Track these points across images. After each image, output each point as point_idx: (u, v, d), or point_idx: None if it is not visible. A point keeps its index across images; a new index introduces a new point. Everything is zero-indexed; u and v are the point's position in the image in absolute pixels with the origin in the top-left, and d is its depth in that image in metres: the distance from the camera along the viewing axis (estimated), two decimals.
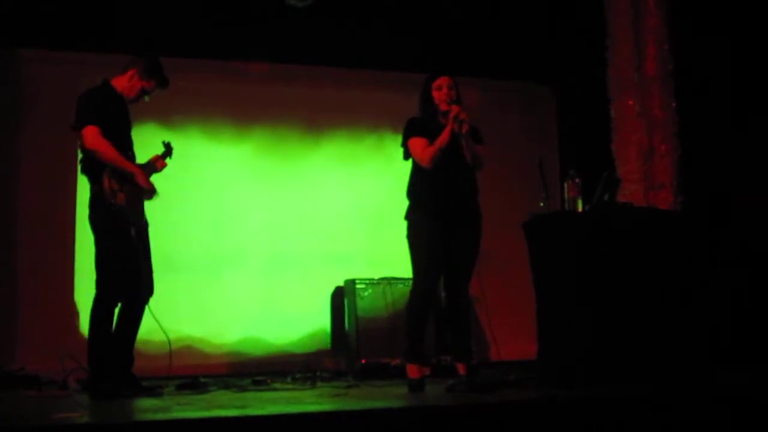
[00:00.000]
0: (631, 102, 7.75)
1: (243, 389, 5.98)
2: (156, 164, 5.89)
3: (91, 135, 5.44)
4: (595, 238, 5.55)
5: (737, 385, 5.09)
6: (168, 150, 5.98)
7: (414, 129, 5.59)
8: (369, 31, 8.15)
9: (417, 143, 5.54)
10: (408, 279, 5.71)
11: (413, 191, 5.67)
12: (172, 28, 7.61)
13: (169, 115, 7.72)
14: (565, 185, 5.85)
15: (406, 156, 5.66)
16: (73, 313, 7.40)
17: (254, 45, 7.98)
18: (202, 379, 6.27)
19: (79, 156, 5.61)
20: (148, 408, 4.75)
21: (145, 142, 5.99)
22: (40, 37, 7.56)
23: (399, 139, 5.67)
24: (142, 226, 5.65)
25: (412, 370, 5.51)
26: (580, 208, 5.77)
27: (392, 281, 7.67)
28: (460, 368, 5.61)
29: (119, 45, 7.33)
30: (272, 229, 8.19)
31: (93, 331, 5.43)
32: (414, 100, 5.73)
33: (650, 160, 7.66)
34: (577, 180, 5.81)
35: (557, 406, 4.42)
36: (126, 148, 5.62)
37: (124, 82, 5.71)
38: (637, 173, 7.65)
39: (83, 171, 5.60)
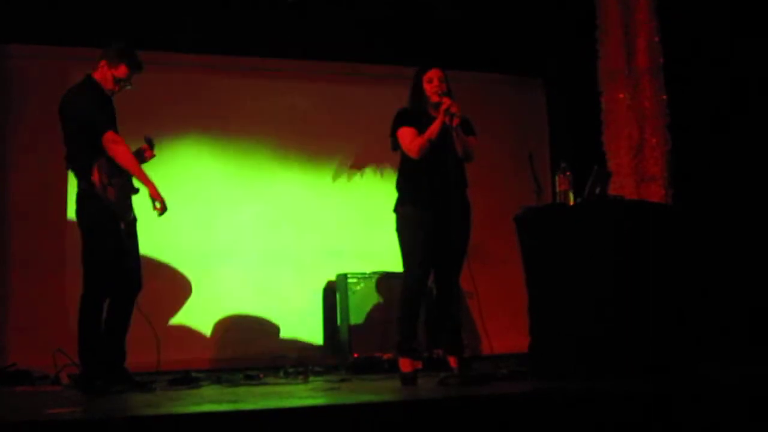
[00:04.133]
0: (621, 95, 7.77)
1: (235, 384, 5.98)
2: (144, 154, 5.83)
3: (112, 141, 5.46)
4: (586, 231, 5.56)
5: (731, 381, 5.11)
6: (150, 144, 5.90)
7: (403, 119, 5.59)
8: (359, 24, 8.14)
9: (406, 133, 5.54)
10: (400, 273, 5.71)
11: (402, 183, 5.67)
12: (163, 22, 7.59)
13: (160, 109, 7.68)
14: (557, 178, 5.86)
15: (395, 147, 5.66)
16: (65, 308, 7.35)
17: (246, 39, 7.97)
18: (194, 374, 6.27)
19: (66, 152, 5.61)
20: (140, 403, 4.75)
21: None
22: (29, 33, 7.52)
23: (389, 131, 5.66)
24: (131, 221, 5.63)
25: (405, 364, 5.52)
26: (571, 202, 5.78)
27: (384, 275, 7.66)
28: (452, 362, 5.62)
29: (109, 40, 7.31)
30: (264, 224, 8.18)
31: (82, 327, 5.43)
32: (404, 93, 5.73)
33: (641, 153, 7.68)
34: (568, 173, 5.82)
35: (549, 399, 4.43)
36: None
37: (99, 75, 5.67)
38: (627, 166, 7.67)
39: (69, 166, 5.59)
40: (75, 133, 5.56)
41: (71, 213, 7.38)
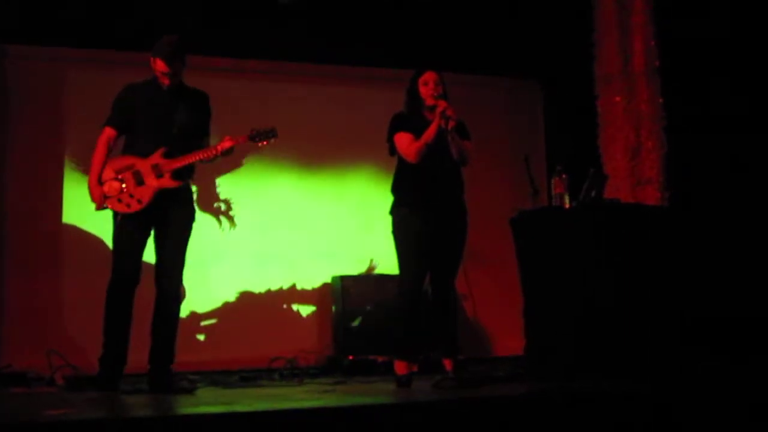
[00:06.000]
0: (618, 98, 7.77)
1: (230, 386, 5.98)
2: (217, 147, 5.67)
3: (101, 135, 5.55)
4: (582, 234, 5.57)
5: (728, 382, 5.12)
6: (256, 134, 5.81)
7: (400, 124, 5.60)
8: (353, 27, 8.13)
9: (403, 138, 5.54)
10: (395, 275, 5.71)
11: (398, 186, 5.66)
12: (162, 24, 7.56)
13: None
14: (553, 181, 5.87)
15: (392, 151, 5.66)
16: (60, 310, 7.37)
17: (243, 42, 7.96)
18: (189, 376, 6.26)
19: None
20: (135, 404, 4.75)
21: None
22: (27, 33, 7.51)
23: (385, 134, 5.66)
24: (141, 216, 5.50)
25: (400, 367, 5.53)
26: (567, 205, 5.79)
27: (379, 278, 7.66)
28: (447, 364, 5.62)
29: (107, 41, 7.32)
30: (259, 226, 8.17)
31: (105, 316, 5.46)
32: (400, 96, 5.73)
33: (637, 156, 7.69)
34: (564, 176, 5.83)
35: (545, 401, 4.43)
36: (151, 139, 5.53)
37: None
38: (623, 169, 7.68)
39: None
40: None
41: (67, 214, 7.43)
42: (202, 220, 7.96)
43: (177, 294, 5.68)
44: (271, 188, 8.28)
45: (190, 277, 7.74)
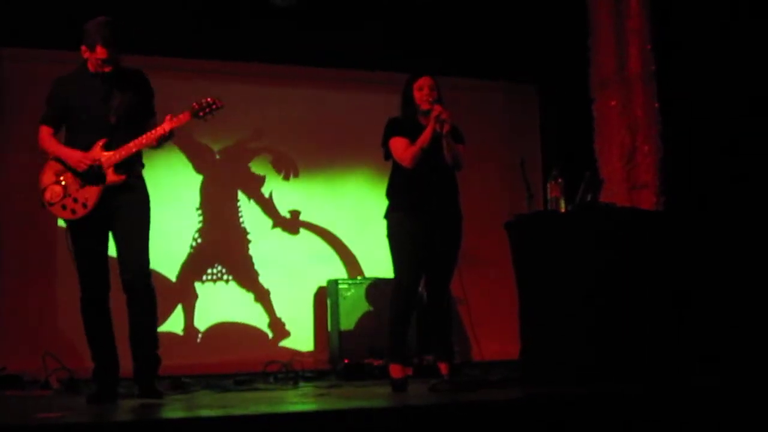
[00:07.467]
0: (613, 102, 7.77)
1: (225, 389, 5.98)
2: (157, 129, 5.17)
3: (39, 134, 5.22)
4: (577, 238, 5.57)
5: (719, 385, 5.12)
6: (199, 108, 5.37)
7: (395, 129, 5.59)
8: (348, 30, 8.13)
9: (398, 143, 5.54)
10: (390, 279, 5.70)
11: (393, 191, 5.66)
12: (155, 27, 7.58)
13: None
14: (548, 185, 5.87)
15: (387, 156, 5.66)
16: (55, 312, 7.36)
17: (238, 45, 7.96)
18: (184, 380, 6.26)
19: None
20: (130, 408, 4.74)
21: None
22: (22, 36, 7.50)
23: (380, 139, 5.66)
24: (91, 220, 5.12)
25: (395, 370, 5.52)
26: (562, 209, 5.79)
27: (375, 281, 7.66)
28: (443, 368, 5.62)
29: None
30: (255, 229, 8.17)
31: (85, 331, 5.20)
32: (395, 100, 5.72)
33: (633, 160, 7.69)
34: (560, 180, 5.83)
35: (539, 405, 4.44)
36: (89, 131, 5.14)
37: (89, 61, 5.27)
38: (619, 173, 7.68)
39: None
40: None
41: None
42: (196, 224, 7.98)
43: (149, 287, 5.21)
44: (266, 192, 8.28)
45: (186, 281, 7.81)
